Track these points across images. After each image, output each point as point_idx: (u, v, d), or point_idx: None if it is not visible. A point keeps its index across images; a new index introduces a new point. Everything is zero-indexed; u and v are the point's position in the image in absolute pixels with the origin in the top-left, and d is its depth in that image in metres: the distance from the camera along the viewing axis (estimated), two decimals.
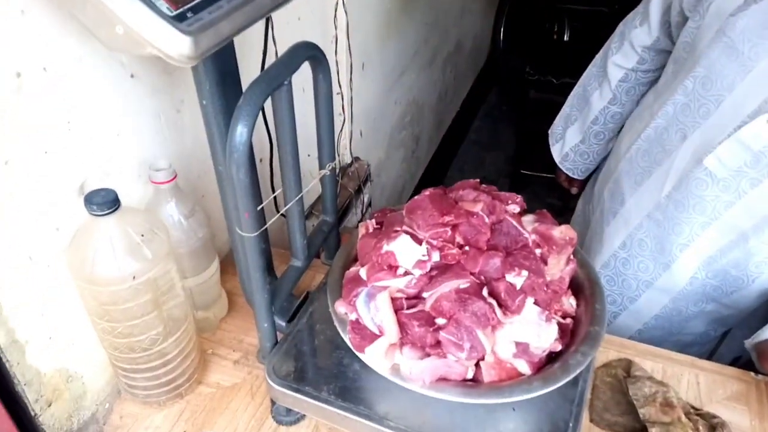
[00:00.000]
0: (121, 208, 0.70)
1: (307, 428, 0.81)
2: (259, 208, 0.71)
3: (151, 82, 0.82)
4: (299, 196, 0.77)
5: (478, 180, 0.81)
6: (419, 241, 0.68)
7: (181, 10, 0.57)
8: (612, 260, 1.08)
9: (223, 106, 0.69)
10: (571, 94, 1.28)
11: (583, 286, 0.77)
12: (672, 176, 0.94)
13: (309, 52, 0.72)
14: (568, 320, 0.73)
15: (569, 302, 0.75)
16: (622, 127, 1.18)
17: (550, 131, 1.35)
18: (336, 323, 0.72)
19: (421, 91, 2.22)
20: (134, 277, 0.71)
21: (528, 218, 0.76)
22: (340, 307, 0.72)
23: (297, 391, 0.74)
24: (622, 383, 0.82)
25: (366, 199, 1.65)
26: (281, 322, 0.84)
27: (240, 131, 0.63)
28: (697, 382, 0.86)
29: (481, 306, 0.65)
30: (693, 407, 0.80)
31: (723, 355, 1.09)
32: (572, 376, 0.66)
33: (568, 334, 0.71)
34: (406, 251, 0.68)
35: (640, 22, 1.10)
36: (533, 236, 0.72)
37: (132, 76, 0.79)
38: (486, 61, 3.32)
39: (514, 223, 0.71)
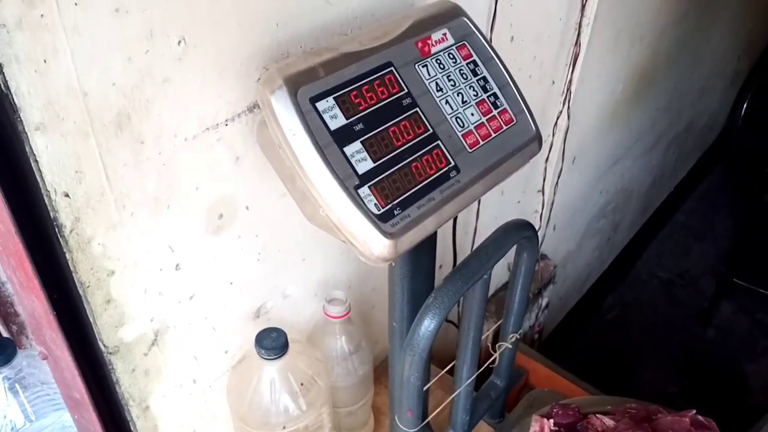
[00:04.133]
0: (288, 350, 0.67)
1: None
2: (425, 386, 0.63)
3: None
4: (471, 378, 0.68)
5: (693, 412, 0.65)
6: None
7: (388, 207, 0.51)
8: None
9: (412, 283, 0.63)
10: None
11: None
12: None
13: (521, 235, 0.63)
14: None
15: None
16: None
17: None
18: None
19: (634, 178, 1.99)
20: (284, 427, 0.68)
21: None
22: None
23: None
24: None
25: (544, 303, 1.50)
26: None
27: (424, 329, 0.56)
28: None
29: None
30: None
31: None
32: None
33: None
34: None
35: None
36: None
37: None
38: (716, 139, 2.92)
39: None
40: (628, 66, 1.46)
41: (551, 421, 0.69)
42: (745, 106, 2.76)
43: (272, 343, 0.65)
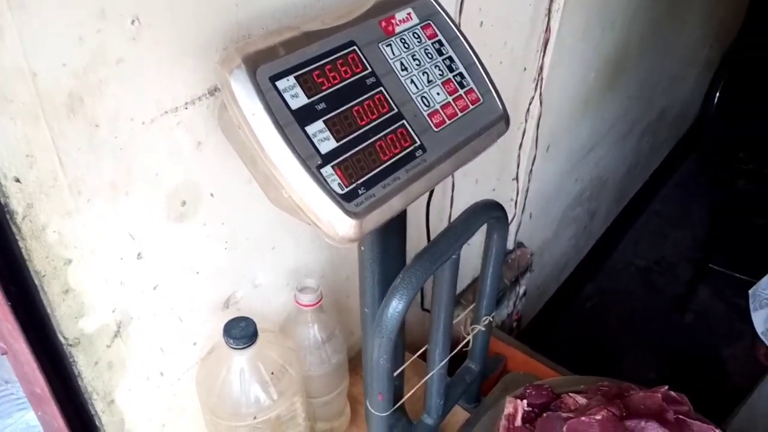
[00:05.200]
0: (258, 339, 0.66)
1: None
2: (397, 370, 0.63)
3: None
4: (444, 362, 0.68)
5: (666, 388, 0.66)
6: None
7: (352, 186, 0.50)
8: None
9: (382, 267, 0.62)
10: None
11: None
12: None
13: (490, 215, 0.62)
14: None
15: None
16: None
17: (751, 292, 1.13)
18: None
19: (608, 167, 2.01)
20: (255, 417, 0.67)
21: None
22: None
23: None
24: None
25: (521, 291, 1.51)
26: None
27: (392, 310, 0.55)
28: None
29: None
30: None
31: None
32: None
33: None
34: None
35: None
36: None
37: None
38: (690, 128, 2.96)
39: None
40: (599, 52, 1.46)
41: (525, 401, 0.68)
42: (717, 95, 2.80)
43: (241, 332, 0.64)
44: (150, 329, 0.63)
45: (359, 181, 0.51)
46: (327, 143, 0.50)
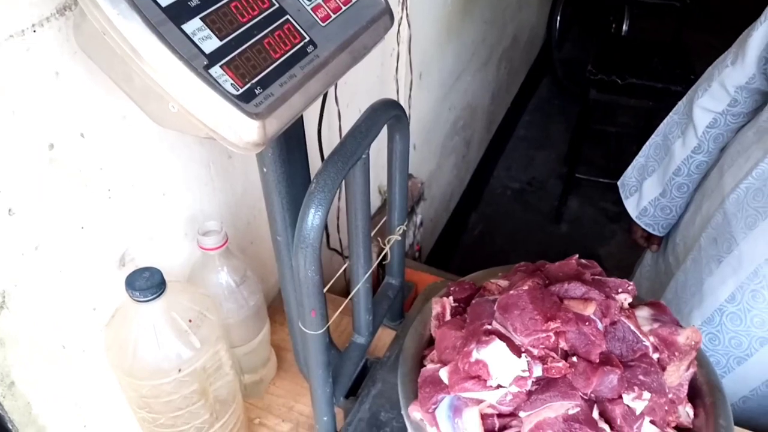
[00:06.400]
0: (167, 288, 0.60)
1: None
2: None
3: None
4: (368, 273, 0.67)
5: (577, 256, 0.69)
6: (517, 352, 0.57)
7: (248, 86, 0.46)
8: (717, 315, 0.95)
9: (289, 187, 0.58)
10: (647, 143, 1.18)
11: (701, 391, 0.65)
12: None
13: (390, 113, 0.61)
14: None
15: (686, 411, 0.63)
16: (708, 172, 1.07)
17: (620, 183, 1.23)
18: (410, 430, 0.62)
19: (476, 94, 2.08)
20: (180, 370, 0.62)
21: (643, 313, 0.64)
22: (416, 413, 0.62)
23: None
24: None
25: (418, 220, 1.53)
26: (340, 397, 0.75)
27: (312, 219, 0.52)
28: None
29: None
30: None
31: None
32: None
33: None
34: (502, 363, 0.57)
35: (732, 61, 1.00)
36: (652, 339, 0.60)
37: None
38: (539, 53, 3.14)
39: (632, 327, 0.59)
40: None
41: (450, 298, 0.69)
42: (558, 18, 2.98)
43: (146, 282, 0.58)
44: (39, 297, 0.55)
45: (254, 81, 0.47)
46: (209, 42, 0.46)
